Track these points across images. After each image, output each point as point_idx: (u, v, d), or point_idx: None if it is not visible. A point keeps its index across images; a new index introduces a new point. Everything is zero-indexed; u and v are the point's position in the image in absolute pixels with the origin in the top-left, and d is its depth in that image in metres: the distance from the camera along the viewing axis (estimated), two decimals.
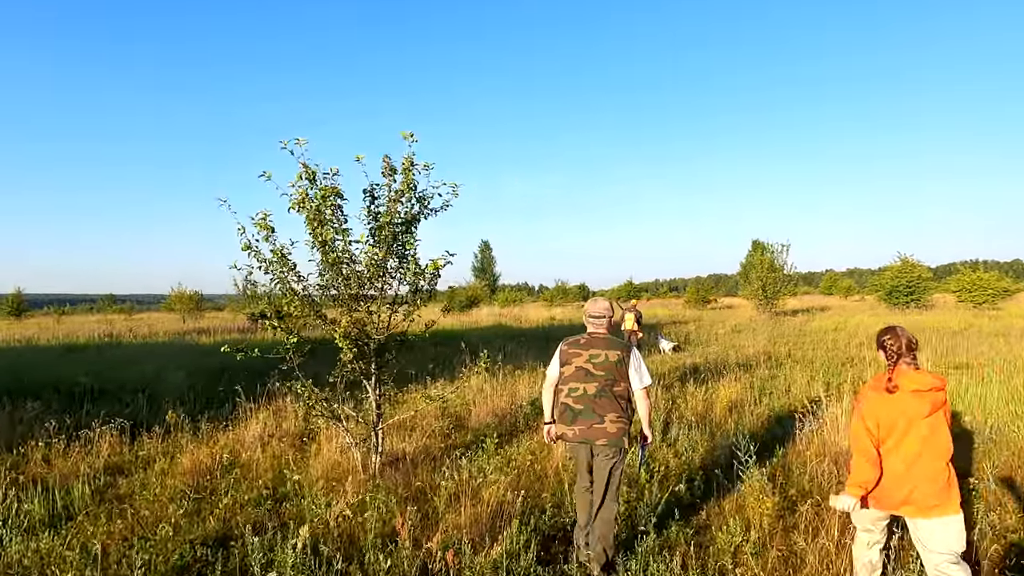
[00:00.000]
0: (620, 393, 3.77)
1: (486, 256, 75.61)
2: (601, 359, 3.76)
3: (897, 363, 3.09)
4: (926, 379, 3.01)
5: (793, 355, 14.13)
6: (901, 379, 3.03)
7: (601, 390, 3.73)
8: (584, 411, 3.74)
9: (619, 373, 3.76)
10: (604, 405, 3.72)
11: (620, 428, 3.71)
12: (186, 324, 32.26)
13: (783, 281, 30.17)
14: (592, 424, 3.71)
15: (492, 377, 10.14)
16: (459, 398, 8.27)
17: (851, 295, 62.38)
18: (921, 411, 2.97)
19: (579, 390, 3.77)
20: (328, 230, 5.04)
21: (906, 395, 2.99)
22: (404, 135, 5.07)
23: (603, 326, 3.91)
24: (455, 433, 7.18)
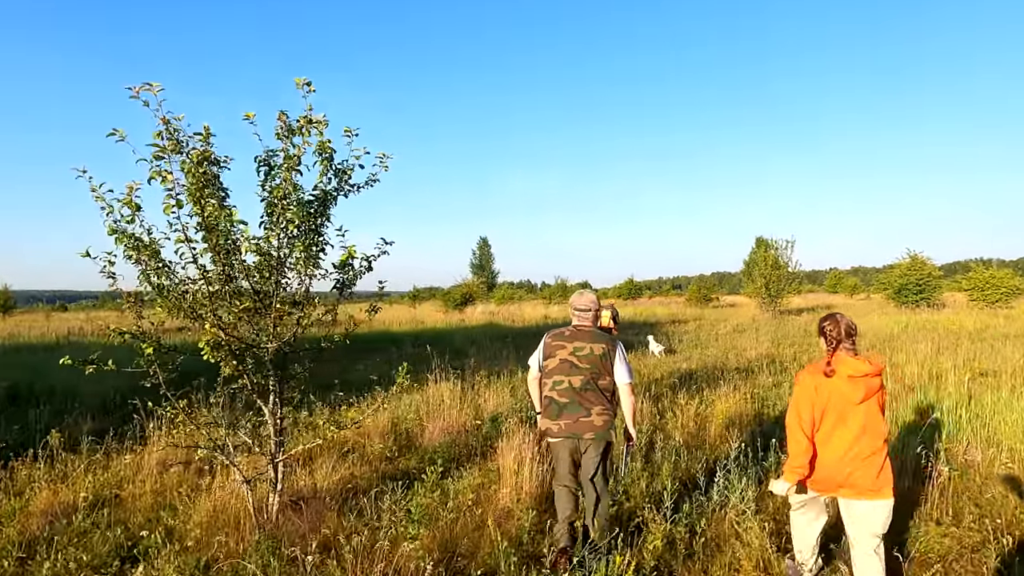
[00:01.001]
0: (605, 387, 3.74)
1: (484, 253, 74.39)
2: (586, 352, 3.73)
3: (836, 349, 3.16)
4: (862, 365, 3.08)
5: (799, 359, 12.95)
6: (838, 365, 3.10)
7: (586, 383, 3.69)
8: (569, 404, 3.69)
9: (604, 367, 3.74)
10: (590, 398, 3.68)
11: (606, 421, 3.69)
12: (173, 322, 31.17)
13: (787, 279, 28.87)
14: (578, 418, 3.67)
15: (463, 382, 9.03)
16: (412, 413, 7.12)
17: (857, 294, 61.00)
18: (855, 396, 3.05)
19: (564, 383, 3.72)
20: (210, 205, 3.87)
21: (841, 380, 3.07)
22: (297, 82, 3.90)
23: (588, 319, 3.87)
24: (401, 456, 6.04)
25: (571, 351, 3.76)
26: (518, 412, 6.92)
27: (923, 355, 12.05)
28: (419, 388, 8.86)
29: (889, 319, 22.08)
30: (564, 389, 3.72)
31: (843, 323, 3.19)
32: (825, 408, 3.09)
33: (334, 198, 4.56)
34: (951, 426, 6.06)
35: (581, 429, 3.67)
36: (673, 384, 9.79)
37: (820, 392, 3.10)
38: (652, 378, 10.58)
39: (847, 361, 3.10)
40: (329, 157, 4.43)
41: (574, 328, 3.88)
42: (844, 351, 3.15)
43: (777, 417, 7.11)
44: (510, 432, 5.92)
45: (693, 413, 7.12)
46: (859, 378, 3.06)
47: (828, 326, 3.23)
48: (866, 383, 3.07)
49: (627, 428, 3.93)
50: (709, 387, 9.30)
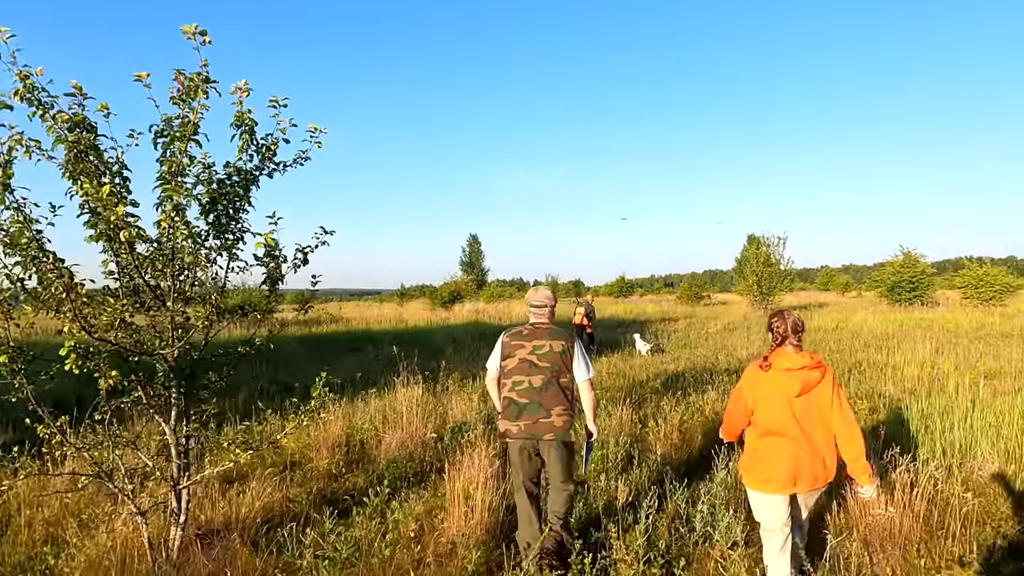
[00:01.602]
0: (566, 385, 3.65)
1: (474, 250, 73.44)
2: (546, 350, 3.62)
3: (782, 344, 3.18)
4: (799, 358, 3.09)
5: None
6: (776, 358, 3.12)
7: (547, 382, 3.58)
8: (529, 405, 3.58)
9: (564, 364, 3.64)
10: (550, 398, 3.58)
11: (566, 421, 3.60)
12: None
13: (779, 276, 28.32)
14: (538, 418, 3.56)
15: (434, 386, 8.38)
16: (369, 424, 6.44)
17: (848, 291, 60.63)
18: (792, 389, 3.04)
19: (524, 383, 3.61)
20: (87, 183, 3.17)
21: (778, 373, 3.08)
22: (186, 30, 3.19)
23: (545, 315, 3.76)
24: (349, 472, 5.38)
25: (530, 350, 3.64)
26: (485, 421, 6.27)
27: (922, 356, 11.48)
28: (383, 393, 8.21)
29: (883, 318, 21.56)
30: (524, 389, 3.60)
31: (790, 320, 3.22)
32: (762, 401, 3.12)
33: (255, 178, 3.90)
34: (962, 436, 5.45)
35: (541, 430, 3.55)
36: (659, 387, 9.16)
37: (759, 386, 3.14)
38: (636, 380, 9.95)
39: (786, 355, 3.12)
40: (250, 130, 3.77)
41: (532, 326, 3.75)
42: (791, 347, 3.17)
43: None
44: (470, 446, 5.28)
45: (678, 422, 6.48)
46: (796, 371, 3.06)
47: (776, 322, 3.26)
48: (803, 376, 3.05)
49: (587, 425, 3.82)
50: (697, 391, 8.68)
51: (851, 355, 12.67)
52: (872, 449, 4.91)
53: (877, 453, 4.87)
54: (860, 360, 11.81)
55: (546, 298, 3.80)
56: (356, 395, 8.06)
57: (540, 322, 3.76)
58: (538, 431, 3.55)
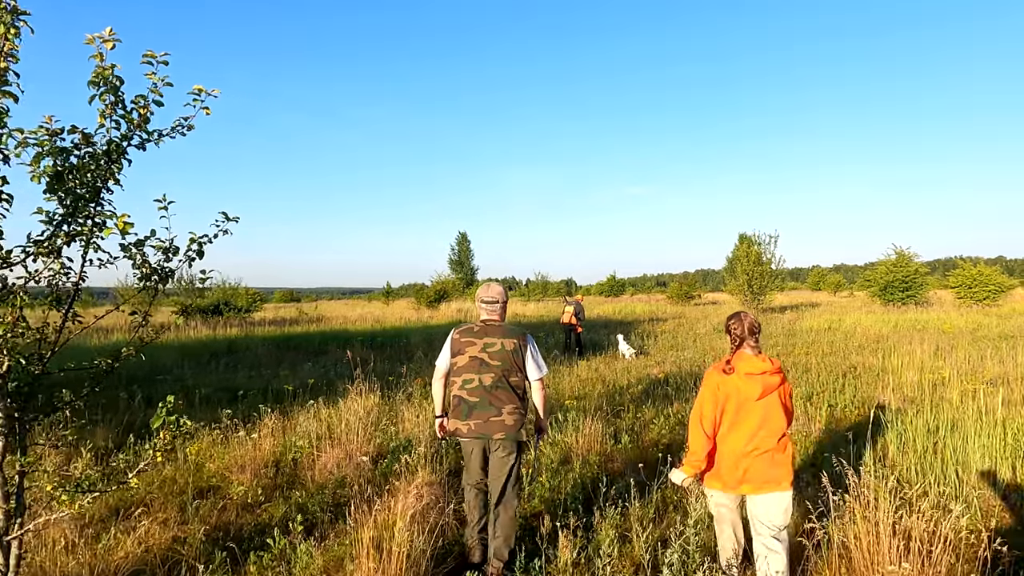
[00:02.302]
0: (517, 384, 3.56)
1: (463, 248, 72.38)
2: (497, 348, 3.54)
3: (740, 347, 3.21)
4: (760, 363, 3.13)
5: (784, 362, 11.67)
6: (738, 362, 3.14)
7: (497, 381, 3.51)
8: (480, 403, 3.49)
9: (515, 362, 3.55)
10: (501, 397, 3.50)
11: (517, 420, 3.51)
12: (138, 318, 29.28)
13: (771, 276, 27.68)
14: (489, 417, 3.47)
15: (394, 393, 7.65)
16: (303, 441, 5.68)
17: (840, 291, 60.21)
18: (753, 393, 3.07)
19: (474, 381, 3.52)
20: None
21: (740, 377, 3.10)
22: None
23: (496, 312, 3.70)
24: (269, 501, 4.62)
25: (481, 348, 3.55)
26: (437, 439, 5.53)
27: (920, 359, 10.82)
28: (334, 403, 7.45)
29: (876, 318, 20.95)
30: (474, 388, 3.51)
31: (747, 321, 3.21)
32: (725, 405, 3.13)
33: (121, 150, 3.15)
34: (979, 459, 4.75)
35: (491, 429, 3.47)
36: (640, 395, 8.44)
37: (721, 389, 3.13)
38: (617, 386, 9.23)
39: (747, 359, 3.14)
40: (113, 89, 3.02)
41: (483, 323, 3.65)
42: (747, 348, 3.19)
43: None
44: (408, 470, 4.54)
45: (655, 436, 5.76)
46: (757, 375, 3.09)
47: (733, 324, 3.26)
48: (763, 380, 3.09)
49: (537, 422, 3.81)
50: (680, 398, 7.96)
51: (845, 358, 12.02)
52: (877, 477, 4.19)
53: (883, 481, 4.14)
54: (855, 364, 11.14)
55: (498, 294, 3.69)
56: (305, 404, 7.31)
57: (491, 319, 3.66)
58: (488, 430, 3.46)
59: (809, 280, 78.44)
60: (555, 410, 7.06)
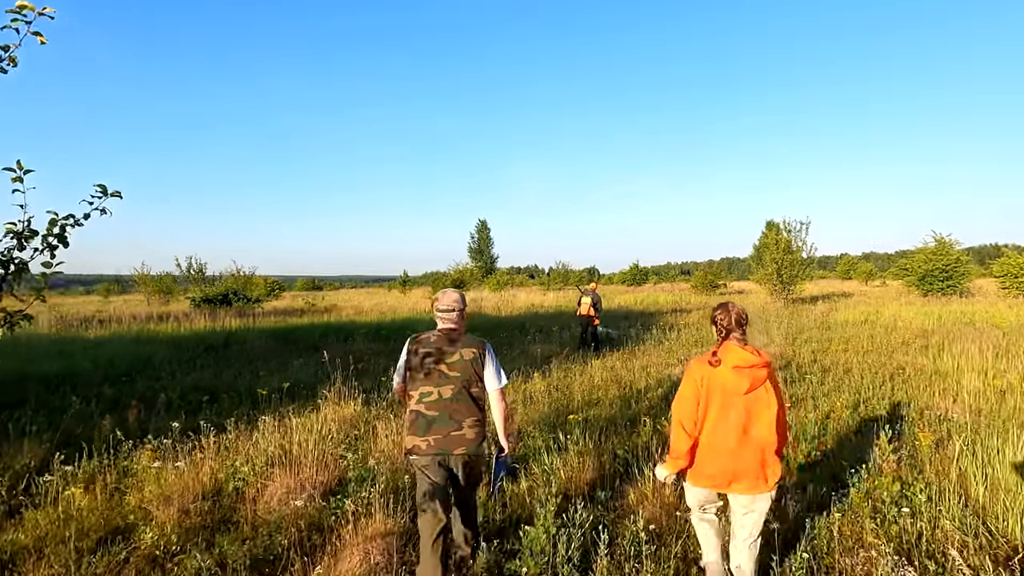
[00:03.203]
0: (477, 395, 3.40)
1: (483, 236, 71.38)
2: (456, 358, 3.36)
3: (727, 338, 3.09)
4: (749, 356, 3.00)
5: (821, 361, 10.54)
6: (725, 355, 3.02)
7: (458, 393, 3.33)
8: (439, 418, 3.29)
9: (475, 373, 3.38)
10: (461, 410, 3.32)
11: (479, 433, 3.36)
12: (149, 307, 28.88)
13: (801, 264, 26.21)
14: (449, 432, 3.28)
15: (376, 398, 6.77)
16: (248, 466, 4.76)
17: (872, 280, 58.16)
18: (741, 386, 2.96)
19: (432, 395, 3.31)
20: None
21: (727, 370, 2.98)
22: None
23: (454, 320, 3.46)
24: (184, 552, 3.70)
25: (439, 358, 3.37)
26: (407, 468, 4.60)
27: (979, 361, 9.59)
28: (309, 410, 6.55)
29: (917, 310, 19.55)
30: (433, 401, 3.32)
31: (734, 312, 3.11)
32: (711, 399, 3.01)
33: None
34: None
35: (451, 445, 3.27)
36: (660, 400, 7.42)
37: (706, 383, 3.02)
38: (634, 389, 8.22)
39: (734, 351, 3.02)
40: None
41: (440, 332, 3.46)
42: (736, 341, 3.07)
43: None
44: (364, 513, 3.62)
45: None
46: (745, 368, 2.97)
47: (720, 315, 3.14)
48: (752, 374, 2.97)
49: (498, 439, 3.55)
50: None
51: (888, 356, 10.84)
52: (971, 534, 3.16)
53: (985, 549, 3.09)
54: (902, 364, 9.97)
55: (453, 302, 3.48)
56: (279, 410, 6.43)
57: (448, 327, 3.47)
58: (448, 446, 3.27)
59: (838, 269, 76.02)
60: (558, 423, 6.09)
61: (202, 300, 22.62)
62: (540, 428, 6.12)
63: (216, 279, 29.73)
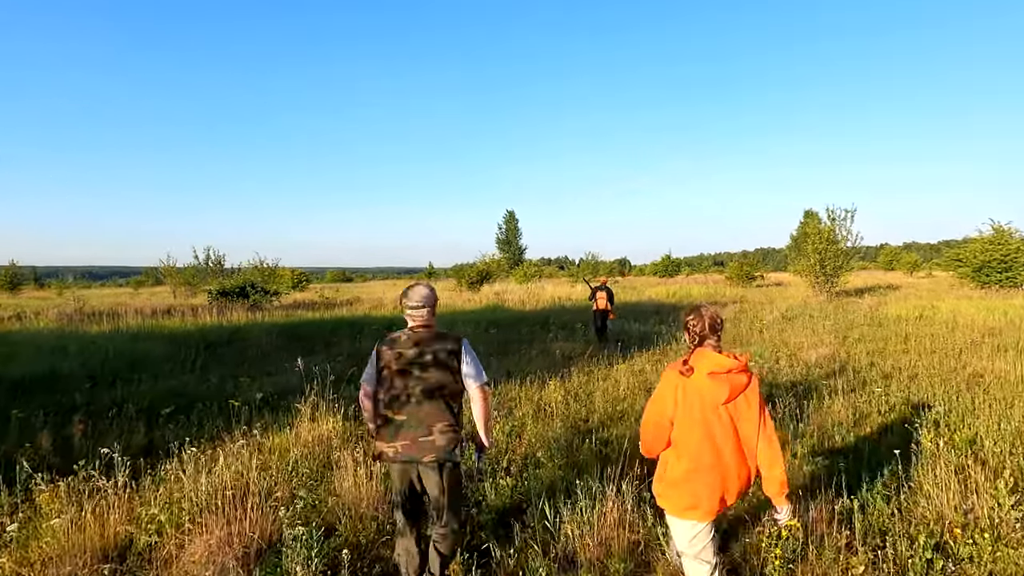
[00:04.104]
0: (450, 397, 3.14)
1: (511, 227, 70.21)
2: (427, 358, 3.10)
3: (700, 345, 2.82)
4: (725, 360, 2.72)
5: (878, 364, 9.26)
6: (699, 361, 2.75)
7: (428, 396, 3.09)
8: (407, 422, 3.08)
9: (450, 373, 3.11)
10: (431, 413, 3.08)
11: (450, 439, 3.09)
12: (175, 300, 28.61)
13: (846, 255, 24.55)
14: (417, 437, 3.06)
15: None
16: (170, 518, 3.79)
17: (916, 271, 55.53)
18: (720, 395, 2.68)
19: (401, 398, 3.10)
20: None
21: (702, 378, 2.70)
22: None
23: (423, 317, 3.18)
24: None
25: (409, 358, 3.09)
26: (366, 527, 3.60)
27: None
28: (282, 428, 5.61)
29: (977, 304, 17.91)
30: (401, 404, 3.08)
31: (708, 316, 2.81)
32: (685, 410, 2.69)
33: None
34: None
35: (420, 451, 3.04)
36: None
37: (682, 393, 2.70)
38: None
39: (708, 356, 2.73)
40: None
41: (410, 330, 3.16)
42: (711, 347, 2.78)
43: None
44: None
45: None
46: (722, 375, 2.68)
47: (692, 320, 2.84)
48: (730, 380, 2.68)
49: (477, 436, 3.27)
50: None
51: (958, 360, 9.47)
52: None
53: None
54: (978, 370, 8.62)
55: (422, 298, 3.16)
56: (246, 426, 5.51)
57: (419, 325, 3.17)
58: (417, 453, 3.03)
59: (879, 260, 72.96)
60: (575, 446, 5.04)
61: (219, 293, 22.02)
62: (552, 451, 5.11)
63: (235, 271, 29.24)
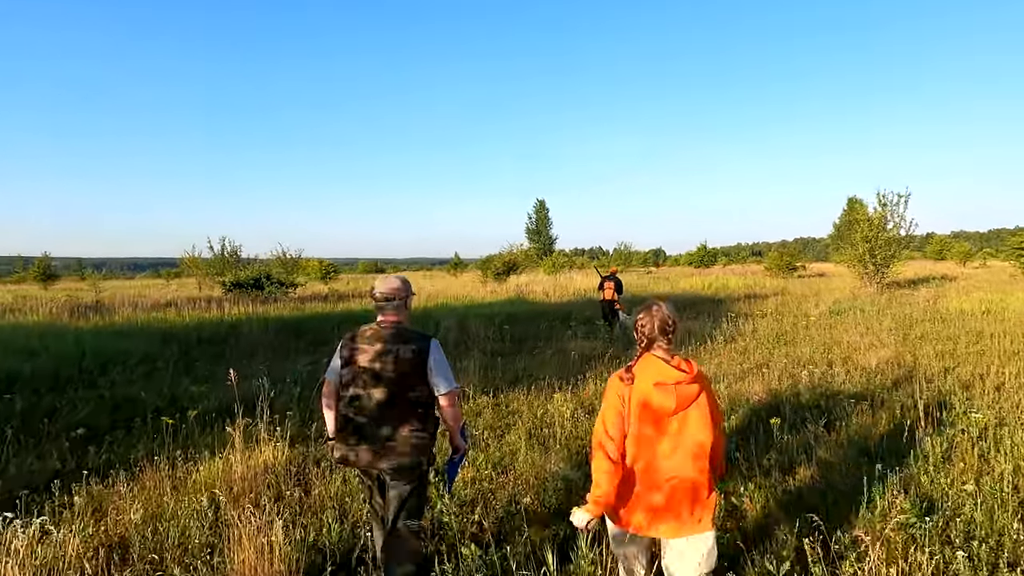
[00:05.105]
0: (417, 400, 2.83)
1: (541, 216, 68.78)
2: (391, 356, 2.81)
3: (649, 348, 2.54)
4: (670, 371, 2.45)
5: (955, 370, 7.80)
6: (643, 369, 2.48)
7: (391, 397, 2.80)
8: (368, 426, 2.81)
9: (415, 374, 2.82)
10: (395, 416, 2.80)
11: (415, 446, 2.80)
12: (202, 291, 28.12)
13: (898, 244, 22.56)
14: (380, 443, 2.79)
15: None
16: None
17: (970, 261, 52.42)
18: (665, 407, 2.42)
19: (362, 397, 2.83)
20: None
21: (648, 388, 2.43)
22: None
23: (393, 312, 2.90)
24: None
25: (372, 356, 2.82)
26: None
27: None
28: (212, 457, 4.55)
29: None
30: (362, 405, 2.80)
31: (659, 316, 2.50)
32: (632, 423, 2.44)
33: None
34: None
35: (380, 459, 2.77)
36: (734, 436, 5.01)
37: (627, 403, 2.45)
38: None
39: (655, 364, 2.46)
40: None
41: (377, 325, 2.91)
42: (662, 351, 2.50)
43: None
44: None
45: None
46: (669, 385, 2.41)
47: (641, 320, 2.54)
48: (678, 391, 2.40)
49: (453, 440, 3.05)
50: (812, 461, 4.50)
51: None
52: None
53: None
54: None
55: (393, 290, 2.88)
56: (178, 449, 4.46)
57: (386, 320, 2.89)
58: (376, 460, 2.78)
59: (927, 250, 69.38)
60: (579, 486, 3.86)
61: (233, 285, 21.31)
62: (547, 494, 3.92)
63: (252, 261, 28.60)
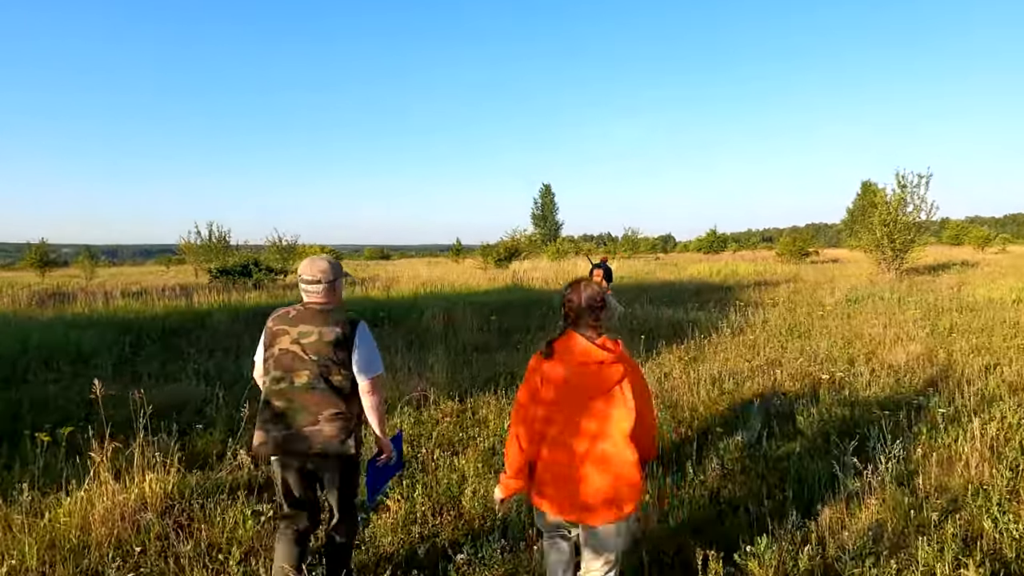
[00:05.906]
0: (340, 385, 2.64)
1: (547, 202, 67.54)
2: (313, 338, 2.65)
3: (575, 326, 2.44)
4: (593, 350, 2.35)
5: (996, 369, 6.75)
6: (564, 346, 2.40)
7: (314, 380, 2.63)
8: (289, 410, 2.64)
9: (338, 357, 2.64)
10: (317, 401, 2.62)
11: (340, 428, 2.61)
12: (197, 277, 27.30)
13: (918, 229, 21.30)
14: (302, 427, 2.61)
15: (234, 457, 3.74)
16: None
17: (988, 246, 50.82)
18: (585, 388, 2.35)
19: (283, 381, 2.65)
20: None
21: (568, 367, 2.36)
22: None
23: (320, 294, 2.74)
24: None
25: (294, 338, 2.66)
26: None
27: None
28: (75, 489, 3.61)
29: None
30: (283, 389, 2.63)
31: (585, 294, 2.42)
32: (550, 403, 2.36)
33: None
34: None
35: (304, 443, 2.59)
36: (738, 454, 4.02)
37: (546, 381, 2.37)
38: (694, 426, 4.85)
39: (577, 342, 2.38)
40: None
41: (301, 307, 2.74)
42: (589, 329, 2.41)
43: None
44: None
45: None
46: (591, 364, 2.34)
47: (568, 295, 2.46)
48: (600, 372, 2.33)
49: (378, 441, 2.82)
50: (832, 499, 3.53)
51: None
52: None
53: None
54: None
55: (320, 272, 2.70)
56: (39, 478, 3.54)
57: (313, 302, 2.73)
58: (299, 445, 2.59)
59: (945, 235, 67.63)
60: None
61: (219, 272, 20.44)
62: (488, 550, 2.97)
63: (242, 247, 27.74)
